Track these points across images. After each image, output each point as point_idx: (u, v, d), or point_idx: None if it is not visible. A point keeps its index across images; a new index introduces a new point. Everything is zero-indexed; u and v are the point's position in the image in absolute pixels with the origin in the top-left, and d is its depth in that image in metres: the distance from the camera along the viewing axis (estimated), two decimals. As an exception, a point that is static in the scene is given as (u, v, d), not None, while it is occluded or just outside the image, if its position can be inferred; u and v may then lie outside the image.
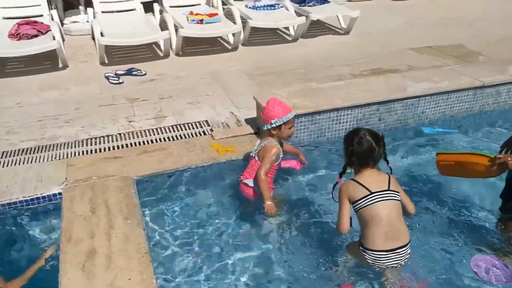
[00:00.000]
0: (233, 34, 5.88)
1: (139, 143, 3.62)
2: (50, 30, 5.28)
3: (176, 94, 4.57)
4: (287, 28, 6.58)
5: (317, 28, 6.84)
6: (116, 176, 3.11)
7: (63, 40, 5.86)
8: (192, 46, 5.95)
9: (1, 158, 3.37)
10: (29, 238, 2.73)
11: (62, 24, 6.41)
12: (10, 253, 2.62)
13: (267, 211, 2.78)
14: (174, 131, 3.82)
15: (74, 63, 5.39)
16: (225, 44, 6.12)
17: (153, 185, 3.13)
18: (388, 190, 2.32)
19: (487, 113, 4.23)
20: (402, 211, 2.35)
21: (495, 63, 4.78)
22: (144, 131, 3.81)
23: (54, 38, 5.08)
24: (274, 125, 2.85)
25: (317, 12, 6.37)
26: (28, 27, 5.09)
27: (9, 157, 3.39)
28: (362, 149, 2.32)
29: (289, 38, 6.46)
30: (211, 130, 3.82)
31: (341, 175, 2.47)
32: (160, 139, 3.69)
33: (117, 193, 2.93)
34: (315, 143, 3.68)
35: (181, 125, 3.91)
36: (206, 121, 3.98)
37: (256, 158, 2.94)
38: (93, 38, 5.80)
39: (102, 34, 5.29)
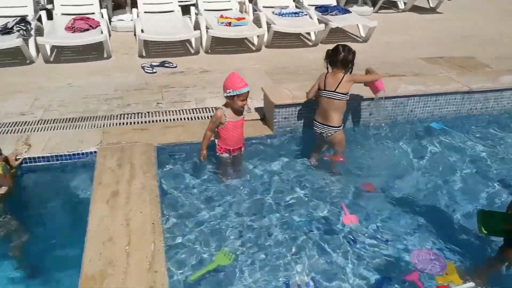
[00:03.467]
0: (258, 37, 6.54)
1: (163, 120, 4.33)
2: (100, 26, 6.14)
3: (200, 85, 5.26)
4: (309, 34, 7.17)
5: (338, 35, 7.40)
6: (141, 143, 3.82)
7: (110, 35, 6.72)
8: (221, 46, 6.66)
9: (53, 123, 4.17)
10: (68, 181, 3.48)
11: (110, 21, 7.31)
12: (52, 192, 3.38)
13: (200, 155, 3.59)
14: (194, 113, 4.50)
15: (117, 54, 6.23)
16: (250, 45, 6.80)
17: (170, 152, 3.81)
18: (334, 91, 3.57)
19: (476, 116, 4.64)
20: (340, 106, 3.64)
21: (493, 73, 5.17)
22: (169, 111, 4.52)
23: (102, 32, 5.93)
24: (228, 95, 3.37)
25: (337, 21, 6.93)
26: (82, 22, 5.97)
27: (59, 123, 4.18)
28: (333, 53, 3.62)
29: (310, 43, 7.05)
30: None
31: (327, 68, 3.73)
32: (181, 118, 4.39)
33: (140, 154, 3.63)
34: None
35: (200, 109, 4.59)
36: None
37: None
38: (135, 35, 6.61)
39: (142, 31, 6.10)
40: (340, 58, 3.57)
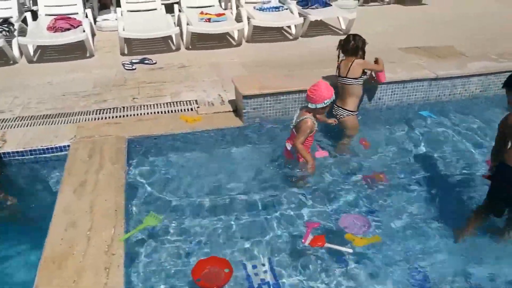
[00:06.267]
0: (238, 31, 6.64)
1: (138, 114, 4.45)
2: (81, 25, 6.27)
3: (177, 80, 5.39)
4: (289, 28, 7.27)
5: (319, 29, 7.49)
6: (113, 136, 3.95)
7: (94, 34, 6.86)
8: (203, 41, 6.78)
9: (30, 120, 4.31)
10: (41, 174, 3.63)
11: (96, 21, 7.44)
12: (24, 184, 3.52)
13: (310, 168, 3.44)
14: (168, 107, 4.63)
15: (100, 52, 6.36)
16: (231, 40, 6.91)
17: (140, 144, 3.94)
18: (345, 77, 3.89)
19: (445, 103, 4.73)
20: (353, 90, 3.92)
21: (465, 60, 5.25)
22: (144, 105, 4.64)
23: (83, 31, 6.07)
24: (325, 105, 3.39)
25: (316, 14, 7.03)
26: (63, 22, 6.11)
27: (36, 119, 4.32)
28: (344, 42, 3.92)
29: (291, 37, 7.15)
30: (198, 107, 4.60)
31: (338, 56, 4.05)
32: (155, 112, 4.51)
33: (111, 146, 3.76)
34: (281, 120, 4.35)
35: (174, 102, 4.71)
36: (196, 100, 4.76)
37: (294, 130, 3.52)
38: (118, 33, 6.75)
39: (124, 29, 6.22)
40: (350, 46, 3.85)
